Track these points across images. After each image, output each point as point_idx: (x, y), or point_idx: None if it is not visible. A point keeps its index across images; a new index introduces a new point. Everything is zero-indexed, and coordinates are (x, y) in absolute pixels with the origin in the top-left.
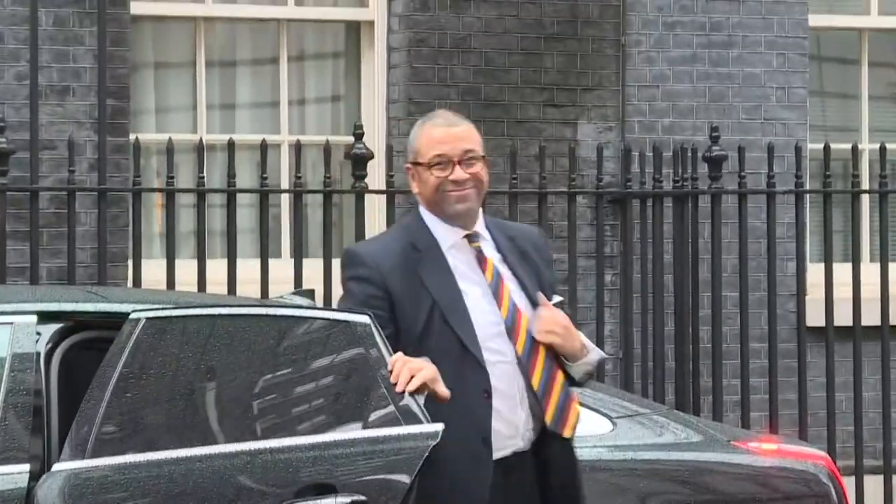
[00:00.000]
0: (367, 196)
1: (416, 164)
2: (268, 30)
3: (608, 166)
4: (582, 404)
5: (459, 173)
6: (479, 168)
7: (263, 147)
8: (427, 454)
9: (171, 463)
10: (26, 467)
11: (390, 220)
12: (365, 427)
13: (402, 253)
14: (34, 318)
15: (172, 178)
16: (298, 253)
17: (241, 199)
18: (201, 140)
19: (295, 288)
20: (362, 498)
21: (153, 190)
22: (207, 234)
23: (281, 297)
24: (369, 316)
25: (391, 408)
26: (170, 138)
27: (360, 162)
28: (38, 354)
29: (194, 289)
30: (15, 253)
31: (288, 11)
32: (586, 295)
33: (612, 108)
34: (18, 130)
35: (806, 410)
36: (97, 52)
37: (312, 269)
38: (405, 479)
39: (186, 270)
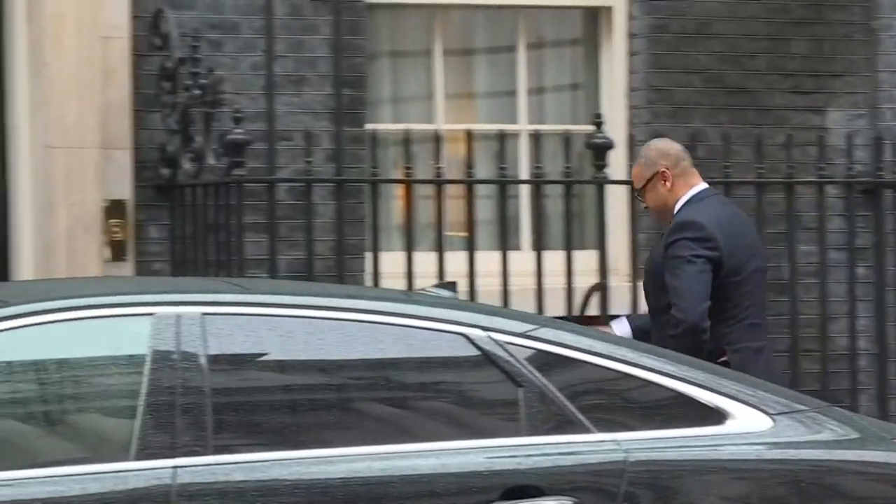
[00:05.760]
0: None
1: None
2: (502, 16)
3: (859, 155)
4: (739, 400)
5: None
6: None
7: (501, 136)
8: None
9: None
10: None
11: (632, 210)
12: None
13: None
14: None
15: (410, 168)
16: (538, 245)
17: (481, 189)
18: (438, 131)
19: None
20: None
21: (390, 181)
22: (446, 226)
23: (423, 290)
24: None
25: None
26: (407, 129)
27: (600, 151)
28: None
29: (434, 280)
30: (253, 245)
31: None
32: (837, 288)
33: (863, 95)
34: (255, 121)
35: None
36: (333, 42)
37: (553, 262)
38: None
39: (425, 262)
